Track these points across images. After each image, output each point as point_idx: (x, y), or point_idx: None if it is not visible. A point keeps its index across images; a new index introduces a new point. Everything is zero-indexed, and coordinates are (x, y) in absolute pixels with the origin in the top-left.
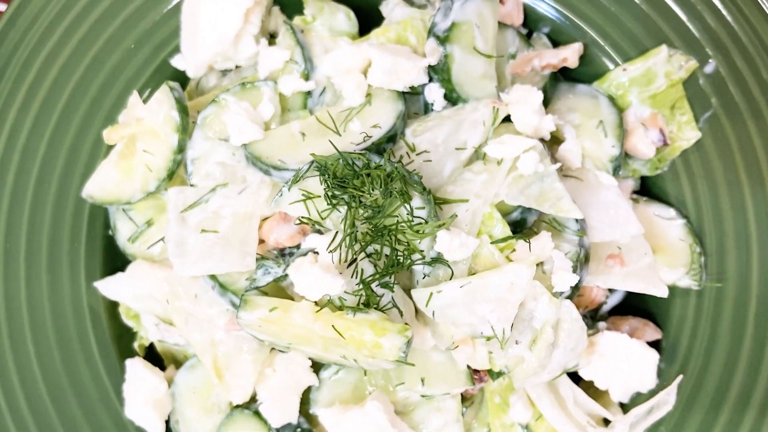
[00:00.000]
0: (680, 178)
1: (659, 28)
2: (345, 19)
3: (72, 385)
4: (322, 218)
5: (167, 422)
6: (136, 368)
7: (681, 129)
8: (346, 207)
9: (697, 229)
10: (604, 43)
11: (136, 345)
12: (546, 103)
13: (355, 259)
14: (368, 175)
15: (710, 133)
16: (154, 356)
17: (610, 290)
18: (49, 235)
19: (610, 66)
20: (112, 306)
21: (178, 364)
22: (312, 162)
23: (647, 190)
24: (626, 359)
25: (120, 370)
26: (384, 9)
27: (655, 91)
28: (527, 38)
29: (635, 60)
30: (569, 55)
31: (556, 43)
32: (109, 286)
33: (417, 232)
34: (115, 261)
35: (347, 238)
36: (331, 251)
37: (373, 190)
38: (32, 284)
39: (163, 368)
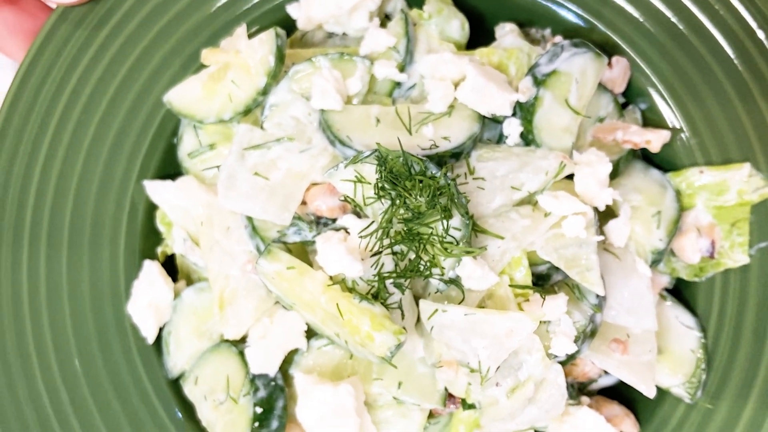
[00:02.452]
0: (714, 294)
1: (751, 144)
2: (459, 27)
3: (91, 261)
4: (365, 204)
5: (161, 330)
6: (152, 270)
7: (733, 248)
8: (389, 202)
9: (711, 346)
10: (692, 139)
11: (159, 250)
12: (614, 174)
13: (380, 252)
14: (421, 181)
15: (759, 264)
16: (171, 266)
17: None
18: (121, 124)
19: (689, 162)
20: (151, 207)
21: (190, 281)
22: (375, 150)
23: (678, 291)
24: None
25: (136, 267)
26: (498, 31)
27: (722, 203)
28: (622, 108)
29: (715, 167)
30: (654, 139)
31: (647, 122)
32: (156, 189)
33: (445, 249)
34: (169, 169)
35: (380, 231)
36: (361, 237)
37: (419, 196)
38: (90, 161)
39: (175, 280)
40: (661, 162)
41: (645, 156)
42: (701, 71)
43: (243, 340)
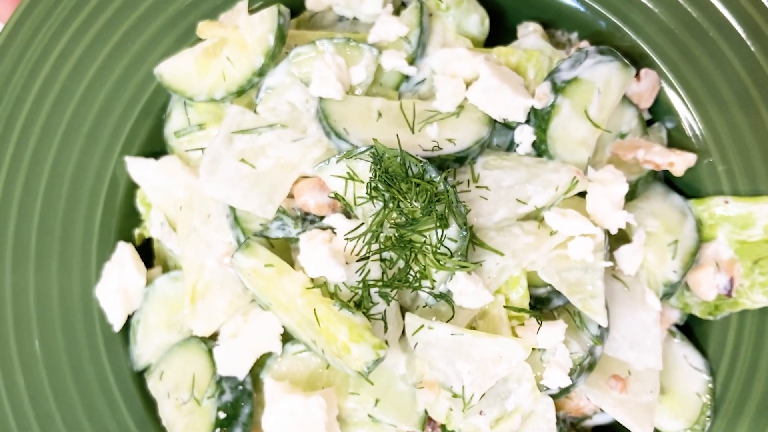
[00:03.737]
0: (728, 335)
1: None
2: (478, 22)
3: (62, 237)
4: (355, 204)
5: (130, 318)
6: (125, 253)
7: (753, 288)
8: (382, 204)
9: (719, 392)
10: (720, 166)
11: (136, 233)
12: (632, 196)
13: (367, 258)
14: (417, 184)
15: None
16: (147, 251)
17: None
18: (107, 95)
19: (714, 190)
20: (132, 186)
21: (166, 268)
22: (371, 146)
23: (689, 328)
24: None
25: (110, 248)
26: (521, 30)
27: (746, 238)
28: (646, 125)
29: (742, 198)
30: (678, 162)
31: (672, 142)
32: (138, 166)
33: (438, 261)
34: (154, 147)
35: (369, 234)
36: (348, 239)
37: (415, 200)
38: (71, 130)
39: (151, 265)
40: (684, 187)
41: (667, 179)
42: (736, 93)
43: (214, 337)
